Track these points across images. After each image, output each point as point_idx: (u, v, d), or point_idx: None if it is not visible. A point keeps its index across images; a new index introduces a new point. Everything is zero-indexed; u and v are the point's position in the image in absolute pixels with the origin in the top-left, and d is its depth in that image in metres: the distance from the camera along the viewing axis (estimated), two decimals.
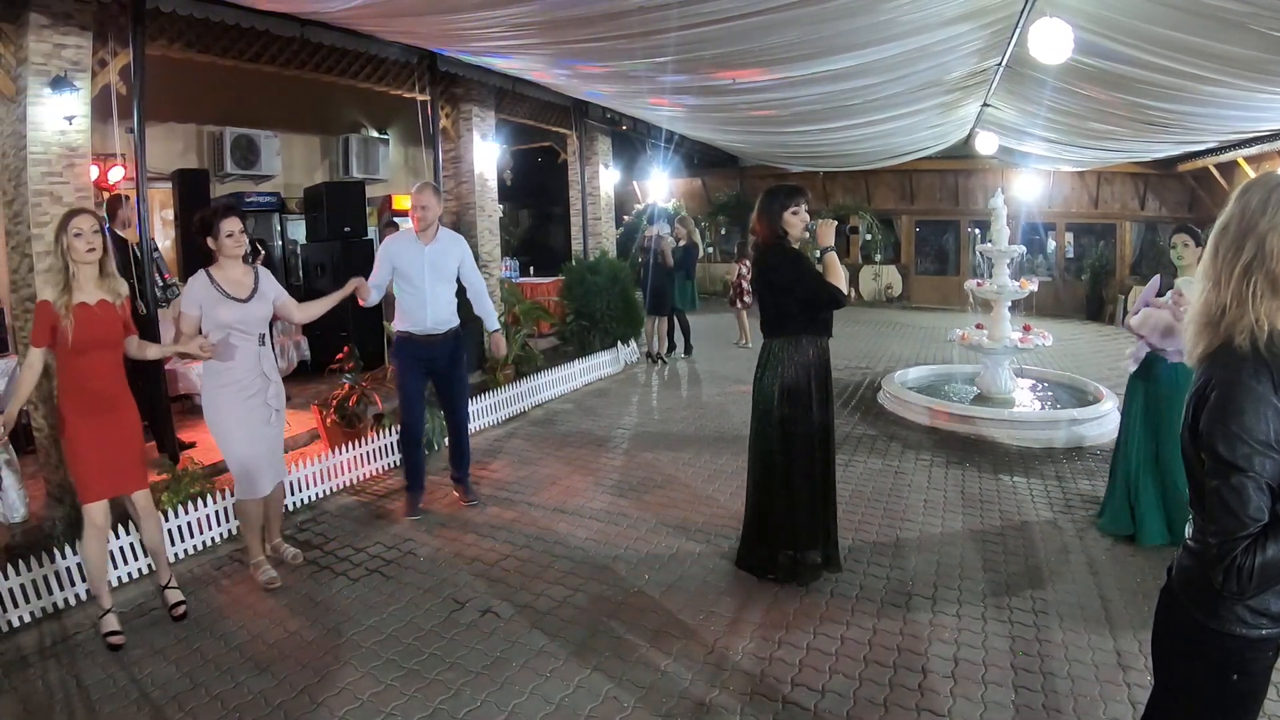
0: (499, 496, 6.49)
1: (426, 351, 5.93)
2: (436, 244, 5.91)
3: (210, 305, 4.68)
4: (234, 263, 4.82)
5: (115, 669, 4.04)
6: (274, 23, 7.03)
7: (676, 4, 5.82)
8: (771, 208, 4.89)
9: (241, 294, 4.77)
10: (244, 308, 4.75)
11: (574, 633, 4.36)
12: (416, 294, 5.83)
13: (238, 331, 4.73)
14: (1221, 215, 1.96)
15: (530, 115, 12.49)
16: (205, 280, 4.72)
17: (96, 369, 4.19)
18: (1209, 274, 1.94)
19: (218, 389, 4.78)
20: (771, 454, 4.80)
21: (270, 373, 4.94)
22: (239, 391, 4.77)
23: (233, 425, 4.80)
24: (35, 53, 5.56)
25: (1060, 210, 18.00)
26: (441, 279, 5.91)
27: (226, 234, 4.71)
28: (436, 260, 5.87)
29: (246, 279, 4.86)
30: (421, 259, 5.81)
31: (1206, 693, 1.98)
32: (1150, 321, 5.23)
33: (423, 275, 5.81)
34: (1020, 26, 7.19)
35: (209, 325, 4.69)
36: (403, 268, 5.82)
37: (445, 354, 6.01)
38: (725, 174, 21.28)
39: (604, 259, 12.81)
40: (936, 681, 3.85)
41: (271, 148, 11.26)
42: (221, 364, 4.70)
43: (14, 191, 5.78)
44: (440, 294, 5.91)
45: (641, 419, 9.03)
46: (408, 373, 5.98)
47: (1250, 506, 1.76)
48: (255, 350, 4.83)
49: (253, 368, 4.82)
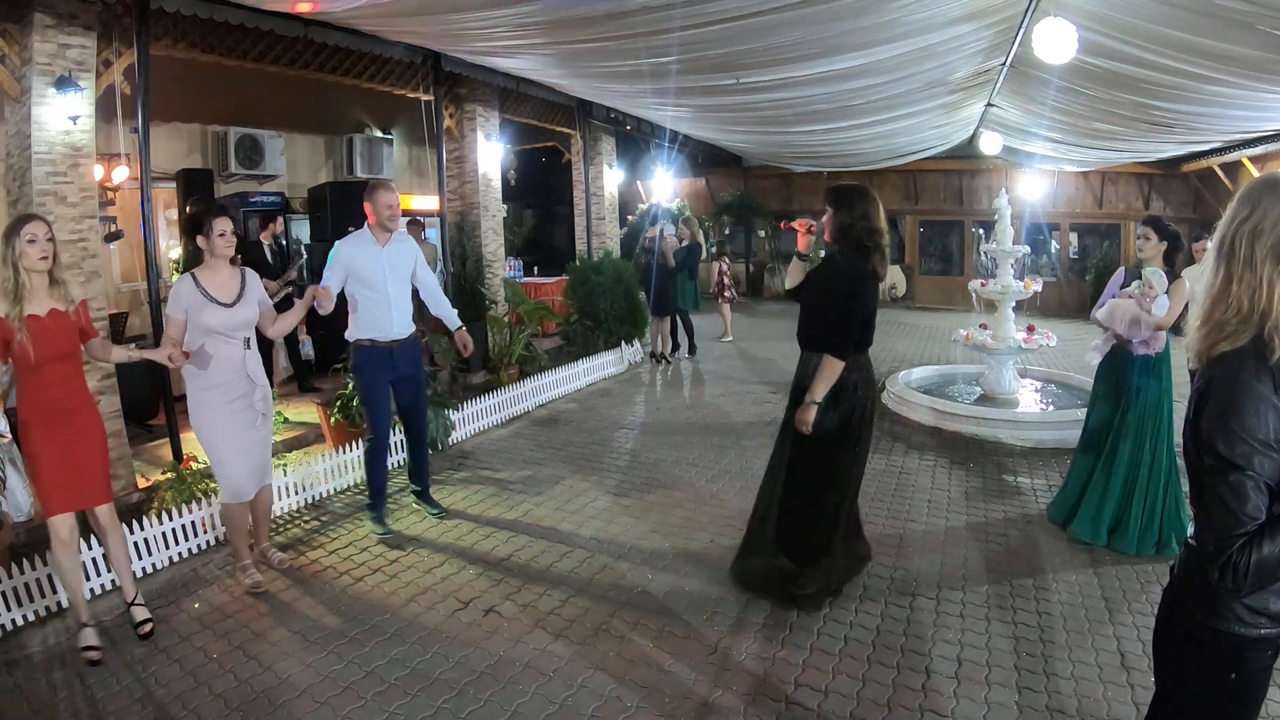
0: (502, 496, 6.49)
1: (390, 359, 5.63)
2: (393, 245, 5.63)
3: (196, 310, 4.59)
4: (222, 264, 4.74)
5: (119, 667, 4.05)
6: (278, 23, 7.06)
7: (680, 4, 5.82)
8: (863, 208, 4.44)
9: (227, 298, 4.69)
10: (229, 312, 4.67)
11: (577, 632, 4.36)
12: (379, 299, 5.54)
13: (223, 336, 4.66)
14: (1232, 216, 1.94)
15: (534, 115, 12.51)
16: (191, 284, 4.63)
17: (52, 380, 4.04)
18: (1223, 273, 1.93)
19: (201, 392, 4.70)
20: (837, 472, 4.47)
21: (256, 376, 4.85)
22: (223, 395, 4.71)
23: (217, 429, 4.73)
24: (40, 53, 5.59)
25: (1064, 210, 18.00)
26: (401, 282, 5.68)
27: (219, 234, 4.64)
28: (395, 262, 5.62)
29: (233, 282, 4.77)
30: (381, 262, 5.54)
31: (1206, 692, 2.00)
32: (1118, 313, 5.29)
33: (384, 279, 5.54)
34: (1024, 26, 7.18)
35: (194, 330, 4.62)
36: (361, 272, 5.50)
37: (407, 360, 5.76)
38: (729, 174, 21.28)
39: (608, 259, 12.83)
40: (940, 682, 3.85)
41: (276, 147, 11.26)
42: (204, 368, 4.65)
43: (19, 191, 5.81)
44: (402, 297, 5.68)
45: (645, 419, 9.03)
46: (372, 383, 5.69)
47: (1248, 505, 1.77)
48: (240, 354, 4.75)
49: (237, 371, 4.75)
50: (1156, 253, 5.29)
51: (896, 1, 6.00)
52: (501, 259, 11.64)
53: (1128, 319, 5.22)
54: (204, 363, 4.62)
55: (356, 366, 5.74)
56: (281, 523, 5.98)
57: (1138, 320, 5.15)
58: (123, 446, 6.13)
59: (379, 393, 5.72)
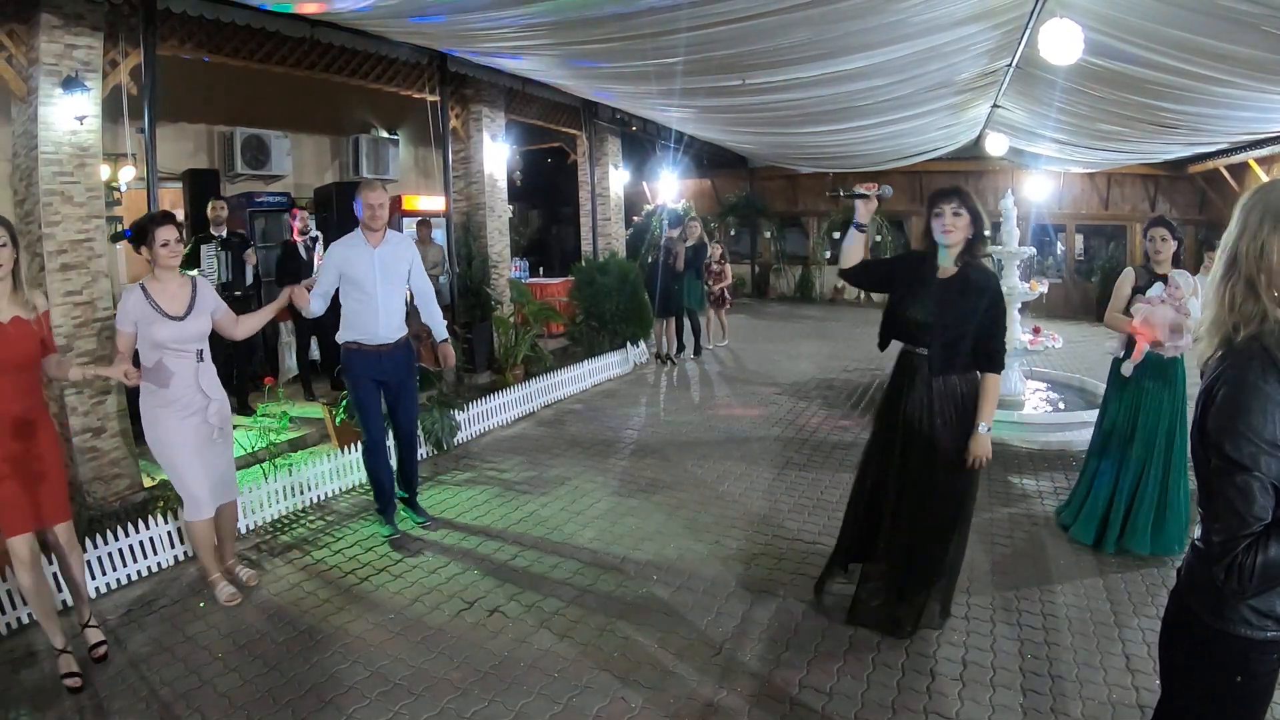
0: (507, 496, 6.49)
1: (378, 363, 5.50)
2: (386, 246, 5.50)
3: (145, 323, 4.44)
4: (170, 274, 4.57)
5: (123, 665, 4.07)
6: (284, 23, 7.08)
7: (687, 5, 5.82)
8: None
9: (177, 310, 4.52)
10: (180, 326, 4.51)
11: (582, 633, 4.36)
12: (367, 301, 5.40)
13: (174, 350, 4.52)
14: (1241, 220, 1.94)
15: (540, 116, 12.51)
16: (140, 296, 4.47)
17: (10, 392, 3.76)
18: (1230, 276, 1.92)
19: (155, 409, 4.55)
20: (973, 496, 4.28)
21: (210, 390, 4.68)
22: (179, 411, 4.56)
23: (174, 445, 4.59)
24: (46, 53, 5.61)
25: (1070, 212, 17.95)
26: (393, 284, 5.52)
27: (161, 243, 4.46)
28: (387, 264, 5.47)
29: (183, 293, 4.60)
30: (372, 263, 5.41)
31: (1212, 694, 1.99)
32: (1156, 319, 5.07)
33: (374, 281, 5.40)
34: (1030, 27, 7.17)
35: (143, 344, 4.48)
36: (352, 273, 5.39)
37: (397, 365, 5.60)
38: (734, 175, 21.27)
39: (613, 259, 12.83)
40: (944, 684, 3.84)
41: (282, 148, 11.30)
42: (157, 383, 4.50)
43: (25, 191, 5.83)
44: (393, 300, 5.52)
45: (650, 420, 9.03)
46: (361, 386, 5.57)
47: (1255, 506, 1.77)
48: (193, 367, 4.60)
49: (190, 385, 4.59)
50: (1170, 254, 5.27)
51: (903, 2, 6.00)
52: (507, 259, 11.64)
53: (1167, 325, 5.01)
54: (163, 374, 4.48)
55: (345, 369, 5.64)
56: (286, 523, 5.99)
57: (1178, 326, 4.97)
58: (128, 445, 6.14)
59: (368, 396, 5.60)
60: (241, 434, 7.40)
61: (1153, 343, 5.15)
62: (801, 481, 6.75)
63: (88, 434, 5.88)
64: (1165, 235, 5.27)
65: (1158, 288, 5.15)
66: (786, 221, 21.75)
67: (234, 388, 8.29)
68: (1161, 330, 5.06)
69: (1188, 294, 4.99)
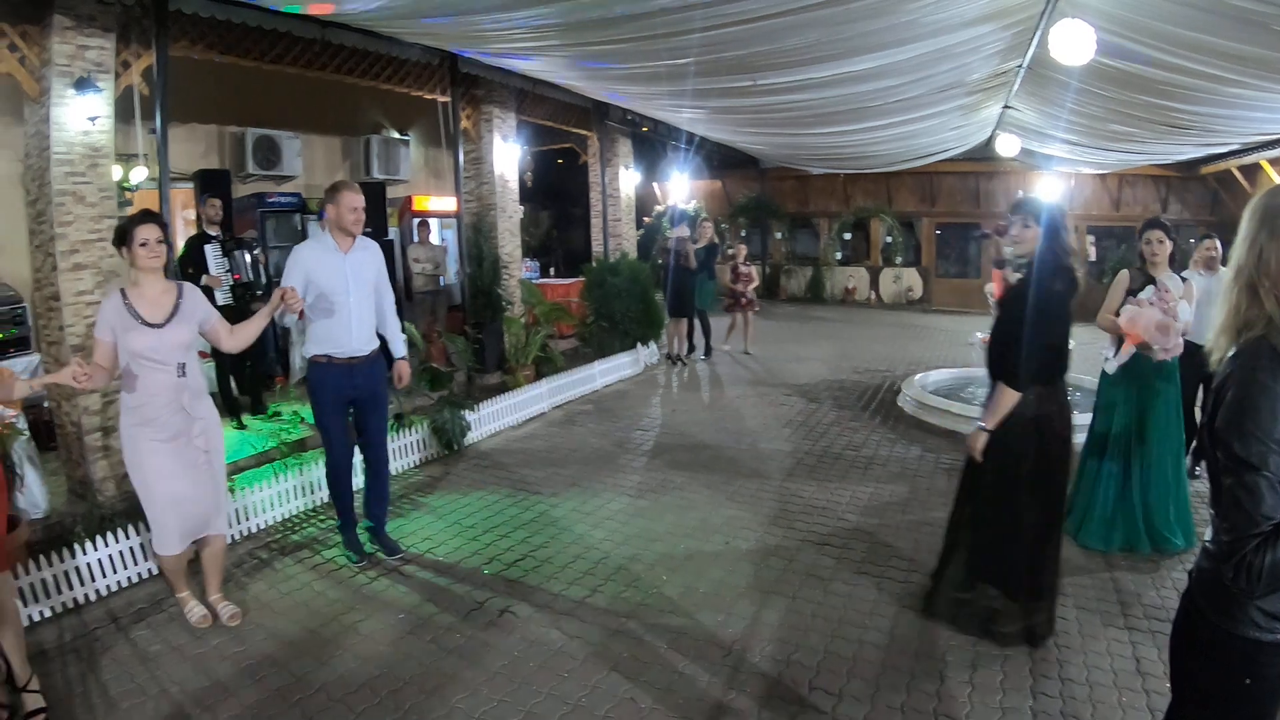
0: (518, 497, 6.49)
1: (349, 378, 5.07)
2: (356, 252, 5.08)
3: (122, 331, 4.03)
4: (152, 278, 4.16)
5: (135, 665, 4.07)
6: (295, 24, 7.11)
7: (699, 5, 5.81)
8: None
9: (157, 318, 4.09)
10: (157, 334, 4.07)
11: (592, 633, 4.36)
12: (339, 311, 4.98)
13: (150, 361, 4.08)
14: (1243, 225, 1.96)
15: (551, 117, 12.53)
16: (118, 301, 4.08)
17: None
18: (1241, 281, 1.93)
19: (131, 427, 4.16)
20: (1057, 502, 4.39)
21: (193, 408, 4.23)
22: (157, 432, 4.14)
23: (148, 470, 4.17)
24: (59, 54, 5.63)
25: (1081, 213, 17.86)
26: (364, 292, 5.09)
27: (140, 242, 4.04)
28: (359, 271, 5.06)
29: (165, 299, 4.18)
30: (343, 270, 4.99)
31: (1222, 697, 1.99)
32: (1141, 321, 5.07)
33: (345, 289, 4.99)
34: (1041, 28, 7.15)
35: (122, 354, 4.08)
36: (321, 281, 4.93)
37: (369, 379, 5.17)
38: (745, 176, 21.28)
39: (624, 260, 12.84)
40: (954, 686, 3.83)
41: (293, 148, 11.33)
42: (133, 399, 4.11)
43: (38, 191, 5.85)
44: (364, 310, 5.11)
45: (661, 421, 9.02)
46: (328, 405, 5.12)
47: (1264, 505, 1.76)
48: (173, 383, 4.14)
49: (170, 403, 4.15)
50: (1165, 256, 5.27)
51: (914, 3, 5.99)
52: (518, 260, 11.65)
53: (1153, 325, 5.01)
54: (135, 394, 4.10)
55: (311, 384, 5.17)
56: (297, 522, 6.01)
57: (1165, 327, 4.97)
58: None
59: (334, 413, 5.16)
60: (252, 434, 7.45)
61: (1140, 344, 5.16)
62: (812, 483, 6.74)
63: (99, 433, 5.90)
64: (1161, 237, 5.27)
65: (1149, 290, 5.16)
66: (797, 222, 21.76)
67: (247, 386, 8.32)
68: (1146, 331, 5.07)
69: (1177, 297, 5.01)
